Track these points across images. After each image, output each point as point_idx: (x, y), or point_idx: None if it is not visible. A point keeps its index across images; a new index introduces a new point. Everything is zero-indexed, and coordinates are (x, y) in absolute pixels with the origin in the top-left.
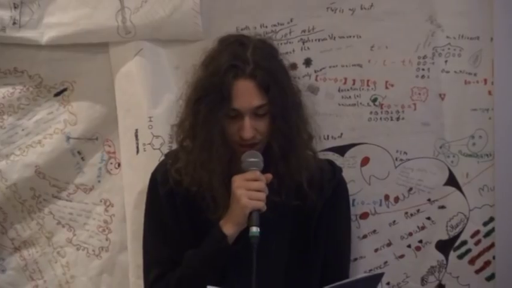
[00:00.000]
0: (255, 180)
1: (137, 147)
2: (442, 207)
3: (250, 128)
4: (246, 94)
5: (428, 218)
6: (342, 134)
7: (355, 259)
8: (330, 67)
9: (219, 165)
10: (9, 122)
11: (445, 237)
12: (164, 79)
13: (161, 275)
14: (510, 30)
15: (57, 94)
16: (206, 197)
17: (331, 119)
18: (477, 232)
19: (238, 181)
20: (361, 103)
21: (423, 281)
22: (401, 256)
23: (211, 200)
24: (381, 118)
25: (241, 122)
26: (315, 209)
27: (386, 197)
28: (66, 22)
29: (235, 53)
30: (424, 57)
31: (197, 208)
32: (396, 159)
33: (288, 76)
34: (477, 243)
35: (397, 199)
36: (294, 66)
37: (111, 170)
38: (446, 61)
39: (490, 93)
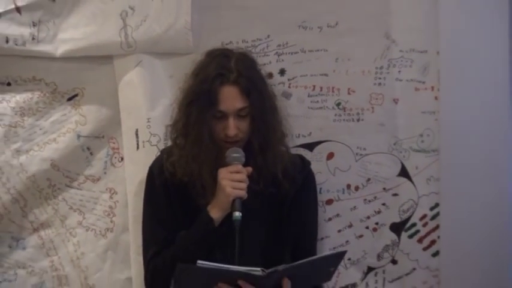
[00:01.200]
0: (238, 172)
1: (137, 144)
2: (395, 194)
3: (234, 127)
4: (231, 98)
5: (384, 204)
6: (310, 133)
7: (322, 238)
8: (301, 76)
9: (208, 158)
10: (29, 122)
11: (397, 220)
12: (160, 86)
13: (157, 252)
14: (453, 45)
15: (69, 99)
16: (196, 186)
17: (301, 120)
18: (425, 216)
19: (223, 173)
20: (327, 107)
21: (379, 257)
22: (361, 236)
23: (200, 188)
24: (343, 119)
25: (226, 122)
26: (287, 196)
27: (348, 186)
28: (77, 38)
29: (221, 64)
30: (381, 67)
31: (188, 195)
32: (356, 154)
33: (265, 83)
34: (424, 225)
35: (357, 188)
36: (270, 75)
37: (115, 163)
38: (399, 71)
39: (436, 98)
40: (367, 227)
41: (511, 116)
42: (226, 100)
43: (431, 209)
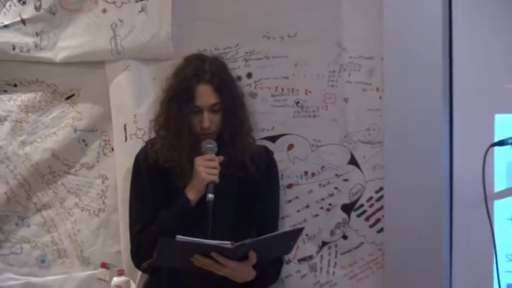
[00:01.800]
0: (211, 160)
1: (125, 137)
2: (346, 180)
3: (208, 120)
4: (205, 95)
5: (336, 188)
6: (273, 127)
7: (283, 217)
8: (265, 79)
9: (186, 147)
10: (33, 118)
11: (347, 201)
12: (145, 87)
13: (142, 229)
14: (395, 52)
15: (67, 98)
16: (176, 171)
17: (265, 116)
18: (371, 198)
19: (199, 161)
20: (287, 105)
21: (332, 233)
22: (316, 215)
23: (179, 173)
24: (301, 116)
25: (202, 116)
26: (253, 181)
27: (306, 173)
28: (74, 46)
29: (196, 66)
30: (333, 71)
31: (169, 179)
32: (312, 145)
33: (235, 84)
34: (371, 206)
35: (313, 174)
36: (239, 78)
37: (106, 153)
38: (349, 74)
39: (380, 98)
40: (321, 208)
41: (444, 112)
42: (201, 96)
43: (376, 192)
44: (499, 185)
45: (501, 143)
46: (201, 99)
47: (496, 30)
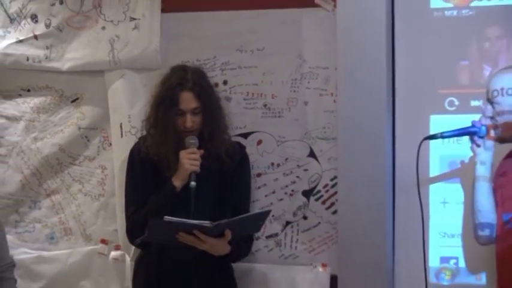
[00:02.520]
0: (193, 153)
1: (121, 133)
2: (306, 170)
3: (190, 121)
4: (187, 100)
5: (297, 176)
6: (245, 126)
7: (253, 201)
8: (238, 85)
9: (172, 143)
10: (43, 118)
11: (307, 188)
12: (137, 92)
13: (135, 211)
14: (347, 64)
15: (72, 101)
16: (164, 163)
17: (238, 117)
18: (326, 185)
19: (183, 154)
20: (257, 107)
21: (294, 214)
22: (281, 199)
23: (167, 164)
24: (269, 116)
25: (185, 117)
26: (229, 170)
27: (272, 164)
28: (78, 57)
29: (180, 75)
30: (295, 79)
31: (158, 169)
32: (278, 141)
33: (213, 90)
34: (326, 191)
35: (278, 165)
36: (216, 84)
37: (105, 147)
38: (308, 82)
39: (334, 101)
40: (285, 193)
41: (387, 113)
42: (184, 102)
43: (331, 180)
44: (433, 172)
45: (431, 137)
46: (184, 104)
47: (432, 46)
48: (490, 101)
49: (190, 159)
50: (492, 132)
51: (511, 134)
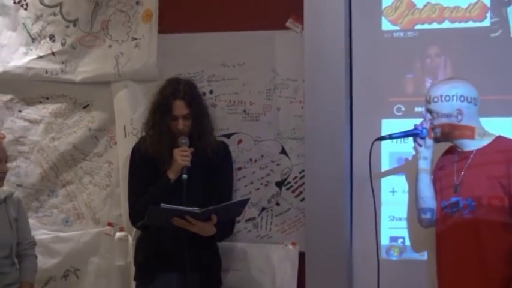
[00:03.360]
0: (185, 151)
1: (125, 134)
2: (278, 164)
3: (182, 124)
4: (180, 108)
5: (271, 170)
6: (228, 128)
7: (235, 190)
8: (222, 94)
9: (166, 143)
10: (59, 121)
11: (279, 179)
12: (138, 100)
13: (137, 199)
14: (313, 76)
15: (84, 107)
16: (160, 159)
17: (222, 120)
18: (296, 177)
19: (176, 151)
20: (237, 112)
21: (269, 201)
22: (258, 189)
23: (162, 160)
24: (247, 120)
25: (177, 121)
26: (214, 165)
27: (250, 159)
28: (89, 70)
29: (174, 86)
30: (269, 89)
31: (156, 164)
32: (255, 140)
33: (201, 99)
34: (296, 182)
35: (255, 160)
36: (204, 94)
37: (111, 145)
38: (280, 91)
39: (302, 107)
40: (261, 184)
41: (346, 117)
42: (177, 109)
43: (300, 172)
44: (384, 167)
45: (382, 138)
46: (177, 110)
47: (383, 62)
48: (428, 108)
49: (182, 156)
50: (432, 133)
51: (448, 134)
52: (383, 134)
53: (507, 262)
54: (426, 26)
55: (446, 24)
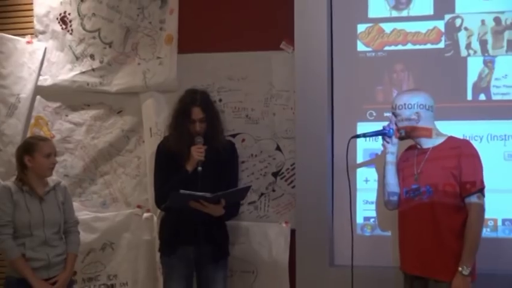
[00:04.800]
0: (200, 148)
1: (151, 134)
2: (274, 158)
3: (198, 127)
4: (196, 113)
5: (268, 163)
6: (234, 129)
7: (240, 179)
8: (230, 102)
9: (185, 141)
10: (98, 124)
11: (275, 170)
12: (161, 107)
13: (161, 186)
14: (302, 88)
15: (118, 112)
16: (180, 154)
17: (230, 123)
18: (288, 168)
19: (193, 148)
20: (241, 117)
21: (266, 188)
22: (258, 178)
23: (182, 155)
24: (249, 123)
25: (195, 124)
26: (224, 159)
27: (252, 155)
28: (122, 83)
29: (191, 96)
30: (267, 98)
31: (176, 159)
32: (255, 139)
33: (213, 106)
34: (288, 173)
35: (256, 155)
36: (215, 102)
37: (140, 143)
38: (276, 100)
39: (293, 113)
40: (260, 174)
41: (328, 120)
42: (194, 114)
43: (291, 165)
44: (359, 160)
45: (356, 136)
46: (194, 115)
47: (358, 76)
48: (394, 113)
49: (198, 152)
50: (397, 133)
51: (410, 134)
52: (358, 133)
53: (458, 237)
54: (393, 48)
55: (409, 46)
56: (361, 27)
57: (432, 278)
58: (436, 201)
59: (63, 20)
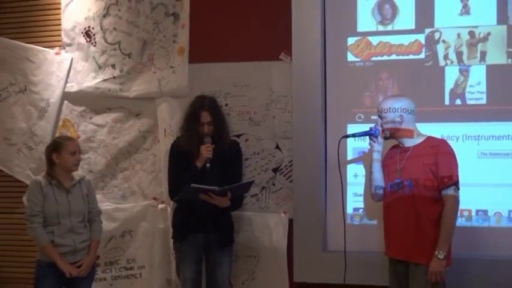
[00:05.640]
0: (208, 147)
1: (165, 135)
2: (274, 156)
3: (207, 128)
4: (205, 117)
5: (269, 160)
6: (238, 130)
7: (244, 174)
8: (235, 106)
9: (195, 141)
10: (118, 126)
11: (275, 166)
12: (174, 110)
13: (174, 181)
14: (299, 94)
15: (136, 115)
16: (190, 153)
17: (235, 125)
18: (286, 165)
19: (202, 147)
20: (245, 119)
21: (267, 182)
22: (259, 173)
23: (192, 154)
24: (252, 125)
25: (204, 126)
26: (229, 157)
27: (254, 152)
28: (139, 90)
29: (201, 101)
30: (268, 103)
31: (188, 157)
32: (257, 139)
33: (220, 110)
34: (286, 169)
35: (258, 153)
36: (221, 106)
37: (156, 143)
38: (275, 104)
39: (291, 116)
40: (262, 170)
41: (321, 122)
42: (203, 117)
43: (289, 162)
44: (349, 157)
45: (346, 136)
46: (203, 118)
47: (348, 83)
48: (380, 116)
49: (206, 151)
50: (383, 134)
51: (393, 135)
52: (348, 134)
53: (435, 225)
54: (379, 58)
55: (394, 57)
56: (351, 40)
57: (412, 262)
58: (416, 193)
59: (87, 33)
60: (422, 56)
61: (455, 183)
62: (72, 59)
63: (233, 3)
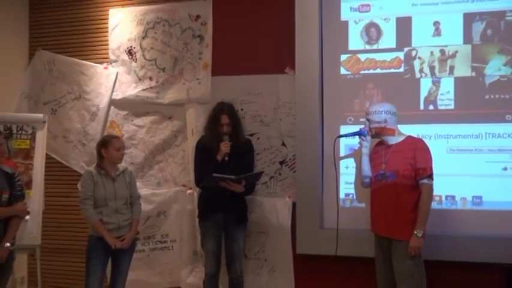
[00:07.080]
0: (226, 144)
1: (192, 134)
2: (280, 151)
3: (226, 129)
4: (224, 119)
5: (276, 154)
6: (251, 130)
7: (255, 166)
8: (249, 111)
9: (216, 139)
10: (155, 126)
11: (281, 160)
12: (199, 114)
13: (199, 171)
14: (301, 101)
15: (169, 118)
16: (212, 149)
17: (248, 126)
18: (291, 159)
19: (221, 144)
20: (257, 121)
21: (275, 172)
22: (269, 166)
23: (214, 149)
24: (263, 126)
25: (223, 127)
26: (243, 152)
27: (264, 148)
28: (172, 97)
29: (221, 106)
30: (275, 108)
31: (209, 152)
32: (267, 138)
33: (237, 113)
34: (290, 161)
35: (267, 149)
36: (237, 110)
37: (184, 140)
38: (282, 109)
39: (294, 119)
40: (271, 162)
41: (319, 123)
42: (223, 119)
43: (293, 156)
44: (342, 153)
45: (340, 136)
46: (223, 121)
47: (340, 92)
48: (368, 118)
49: (225, 147)
50: (370, 133)
51: (379, 134)
52: (341, 134)
53: (413, 209)
54: (366, 71)
55: (378, 70)
56: (343, 57)
57: (395, 238)
58: (397, 182)
59: (129, 52)
60: (401, 70)
61: (430, 175)
62: (117, 73)
63: (249, 28)
